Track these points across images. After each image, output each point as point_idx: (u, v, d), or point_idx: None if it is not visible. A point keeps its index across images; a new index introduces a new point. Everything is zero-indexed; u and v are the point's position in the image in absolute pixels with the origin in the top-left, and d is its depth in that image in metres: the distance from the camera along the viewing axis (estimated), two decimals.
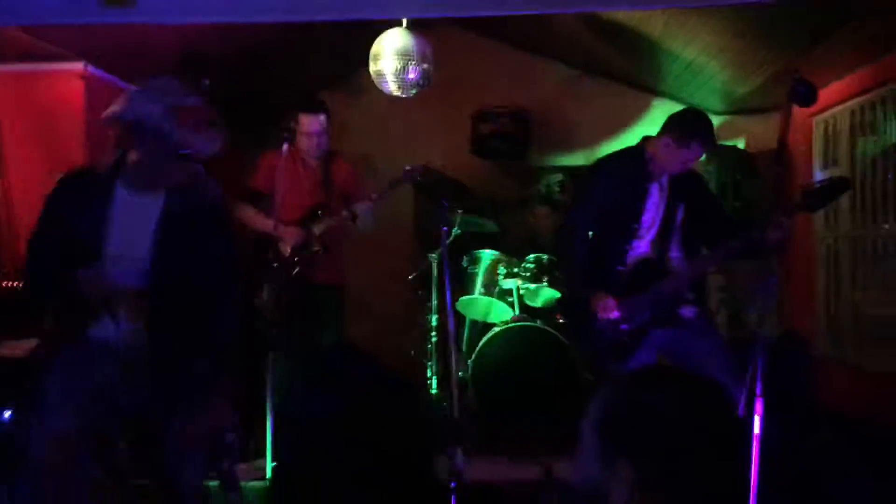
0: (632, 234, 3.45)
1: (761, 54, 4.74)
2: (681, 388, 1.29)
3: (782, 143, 3.23)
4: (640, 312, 3.42)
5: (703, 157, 3.59)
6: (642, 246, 3.48)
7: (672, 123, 3.43)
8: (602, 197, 3.50)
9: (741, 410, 3.01)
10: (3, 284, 3.64)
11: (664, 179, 3.49)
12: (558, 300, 5.07)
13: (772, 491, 2.75)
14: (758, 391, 2.85)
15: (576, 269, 3.57)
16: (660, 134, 3.46)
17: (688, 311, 3.44)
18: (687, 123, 3.42)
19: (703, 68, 5.30)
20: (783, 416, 3.45)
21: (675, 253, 3.51)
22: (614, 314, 3.40)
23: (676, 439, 1.23)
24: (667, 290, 3.40)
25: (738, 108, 5.97)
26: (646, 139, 3.56)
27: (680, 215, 3.50)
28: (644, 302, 3.41)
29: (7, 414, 3.28)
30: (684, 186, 3.51)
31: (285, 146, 4.14)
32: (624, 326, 3.43)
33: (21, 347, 3.59)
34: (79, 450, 2.44)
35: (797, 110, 4.19)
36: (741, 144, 6.03)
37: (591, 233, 3.52)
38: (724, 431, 1.27)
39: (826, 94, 4.89)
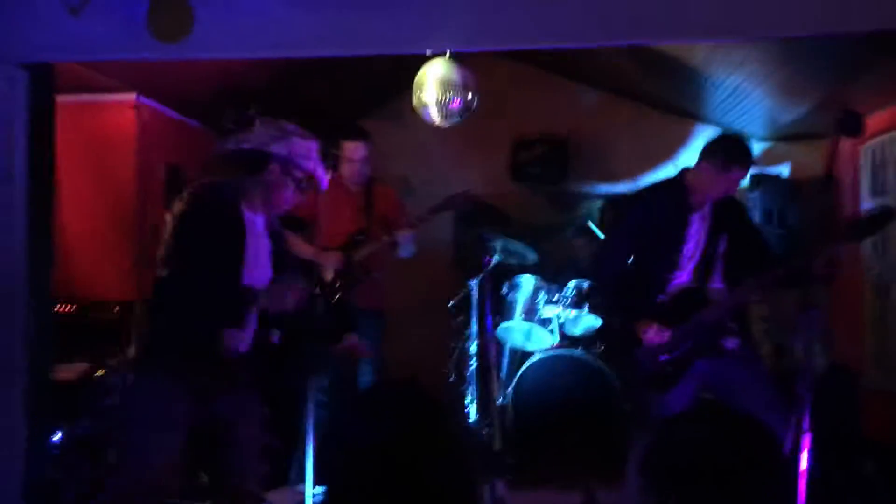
0: (673, 264, 3.43)
1: (806, 82, 4.70)
2: (724, 429, 1.29)
3: (829, 174, 3.21)
4: (682, 342, 3.39)
5: (746, 183, 3.58)
6: (684, 276, 3.46)
7: (710, 149, 3.42)
8: (642, 227, 3.49)
9: (787, 446, 2.97)
10: (57, 309, 3.73)
11: (706, 208, 3.47)
12: (600, 328, 5.05)
13: None
14: (805, 426, 2.81)
15: (615, 298, 3.56)
16: (699, 161, 3.45)
17: (730, 342, 3.40)
18: (725, 148, 3.40)
19: (748, 95, 5.26)
20: (831, 451, 3.38)
21: (717, 283, 3.48)
22: (663, 338, 3.36)
23: (720, 480, 1.23)
24: (709, 319, 3.37)
25: (782, 135, 5.90)
26: (685, 170, 3.55)
27: (722, 245, 3.47)
28: (686, 332, 3.38)
29: (58, 436, 3.35)
30: (726, 216, 3.48)
31: (328, 173, 4.20)
32: (665, 356, 3.40)
33: (73, 370, 3.68)
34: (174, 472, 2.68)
35: (845, 139, 4.16)
36: (785, 172, 5.96)
37: (630, 261, 3.52)
38: (768, 472, 1.26)
39: (873, 121, 4.82)
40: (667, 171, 6.35)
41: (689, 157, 6.32)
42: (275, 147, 2.85)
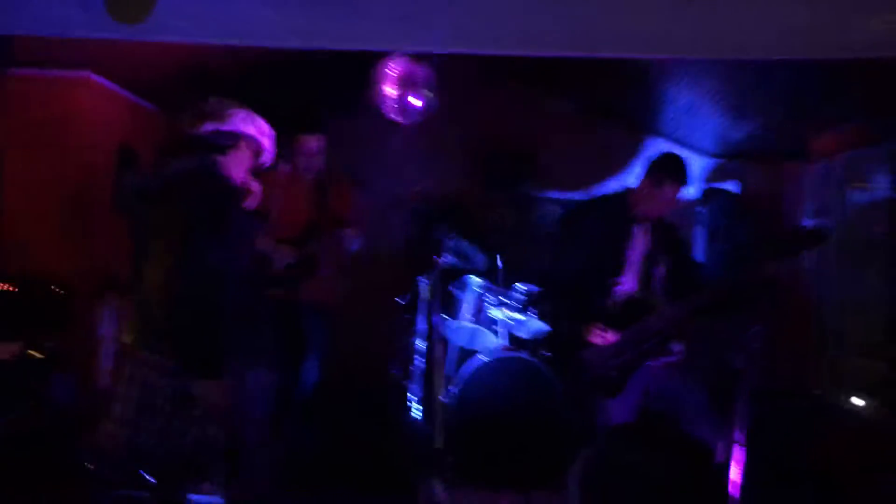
0: (617, 269, 3.57)
1: (756, 103, 4.81)
2: (662, 447, 1.32)
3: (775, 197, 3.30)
4: (629, 345, 3.48)
5: (696, 197, 3.68)
6: (628, 283, 3.58)
7: (649, 166, 3.60)
8: (589, 235, 3.62)
9: (719, 455, 3.05)
10: None
11: (648, 224, 3.63)
12: (547, 333, 5.10)
13: None
14: (740, 439, 2.87)
15: (564, 303, 3.63)
16: (641, 177, 3.62)
17: (676, 346, 3.52)
18: (660, 165, 3.58)
19: (700, 111, 5.38)
20: (770, 468, 3.47)
21: (659, 293, 3.61)
22: (609, 339, 3.45)
23: (654, 498, 1.25)
24: (654, 327, 3.47)
25: (733, 152, 6.04)
26: (628, 188, 3.71)
27: (662, 260, 3.63)
28: (633, 335, 3.47)
29: None
30: (664, 236, 3.65)
31: (281, 165, 4.17)
32: (613, 361, 3.47)
33: (7, 350, 3.59)
34: None
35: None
36: (734, 188, 6.10)
37: (575, 268, 3.59)
38: (703, 491, 1.29)
39: (820, 143, 4.97)
40: (619, 181, 6.48)
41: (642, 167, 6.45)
42: (245, 127, 3.07)
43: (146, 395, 2.69)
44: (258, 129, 3.15)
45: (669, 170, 3.56)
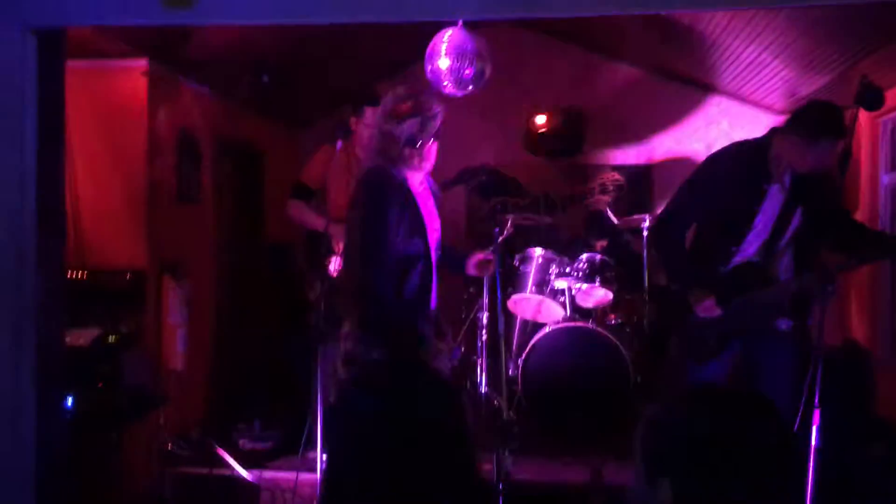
0: (740, 236, 3.24)
1: (826, 53, 4.61)
2: (728, 409, 1.27)
3: (847, 148, 3.14)
4: (735, 319, 3.27)
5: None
6: (750, 249, 3.28)
7: (797, 119, 3.15)
8: (714, 194, 3.26)
9: (797, 424, 2.95)
10: (69, 276, 3.74)
11: (786, 180, 3.21)
12: (657, 286, 4.96)
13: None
14: (816, 402, 2.78)
15: (677, 263, 3.40)
16: (786, 129, 3.19)
17: (783, 324, 3.29)
18: (815, 117, 3.11)
19: (766, 66, 5.18)
20: (842, 428, 3.36)
21: (785, 260, 3.31)
22: (716, 313, 3.25)
23: (719, 461, 1.21)
24: (767, 299, 3.24)
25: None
26: (773, 132, 3.28)
27: (796, 220, 3.26)
28: (740, 309, 3.26)
29: (70, 400, 3.38)
30: (809, 189, 3.21)
31: (339, 142, 4.16)
32: (717, 330, 3.30)
33: (84, 336, 3.70)
34: None
35: (863, 114, 4.06)
36: None
37: (696, 227, 3.37)
38: (772, 453, 1.24)
39: (893, 95, 4.73)
40: (682, 144, 6.32)
41: (702, 128, 6.27)
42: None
43: None
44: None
45: (826, 123, 3.08)
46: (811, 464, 2.75)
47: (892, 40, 4.12)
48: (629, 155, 6.46)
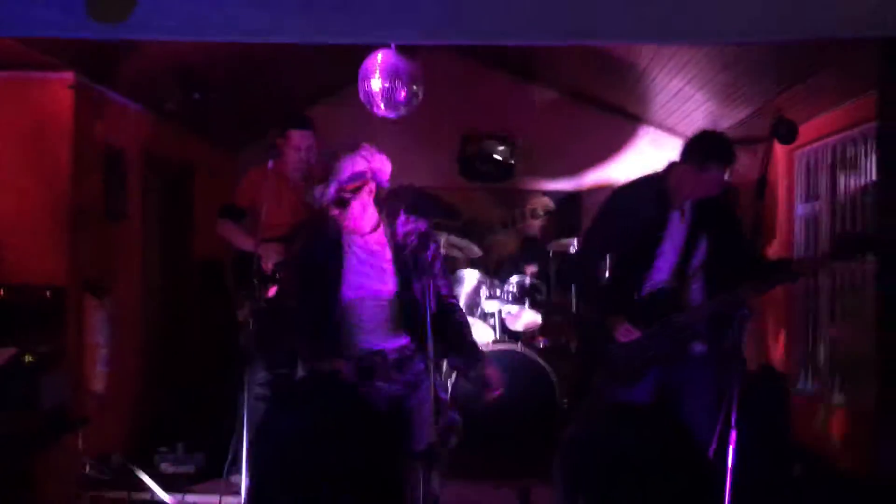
0: (649, 262, 3.36)
1: (746, 88, 4.81)
2: (642, 427, 1.30)
3: (763, 177, 3.28)
4: (652, 344, 3.36)
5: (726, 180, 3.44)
6: (662, 275, 3.39)
7: (688, 147, 3.34)
8: (621, 224, 3.41)
9: (714, 444, 3.04)
10: None
11: (686, 206, 3.38)
12: (574, 317, 5.06)
13: None
14: (732, 423, 2.88)
15: (593, 293, 3.53)
16: (680, 160, 3.36)
17: (698, 347, 3.39)
18: (702, 146, 3.30)
19: (689, 98, 5.38)
20: (758, 452, 3.47)
21: (696, 284, 3.42)
22: (632, 337, 3.33)
23: (633, 479, 1.23)
24: (682, 323, 3.33)
25: None
26: (670, 165, 3.44)
27: (702, 245, 3.40)
28: (657, 334, 3.35)
29: None
30: (707, 216, 3.39)
31: (270, 162, 4.14)
32: (641, 357, 3.38)
33: (0, 355, 3.57)
34: None
35: (780, 145, 4.24)
36: (725, 176, 6.08)
37: (608, 258, 3.51)
38: (686, 472, 1.27)
39: (807, 129, 4.96)
40: (610, 171, 6.48)
41: (633, 158, 6.44)
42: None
43: None
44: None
45: (713, 151, 3.26)
46: (727, 484, 2.84)
47: (806, 78, 4.33)
48: (559, 181, 6.59)
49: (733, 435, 2.83)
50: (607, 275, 3.52)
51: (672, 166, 3.42)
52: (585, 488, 1.25)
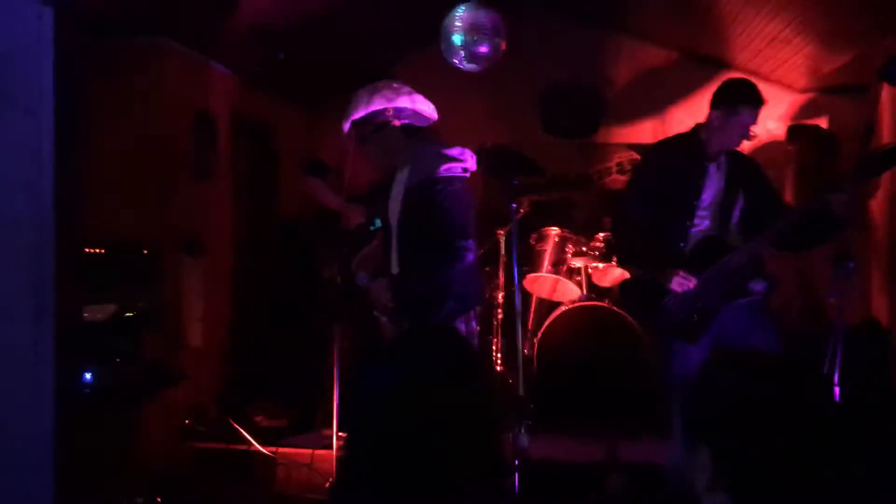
0: (691, 212, 3.42)
1: (850, 30, 4.53)
2: (767, 373, 1.26)
3: (870, 123, 3.10)
4: (710, 288, 3.35)
5: (783, 134, 3.45)
6: (704, 223, 3.44)
7: (717, 95, 3.41)
8: (659, 178, 3.48)
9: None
10: (87, 251, 3.75)
11: (721, 160, 3.46)
12: (620, 283, 4.99)
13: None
14: (835, 379, 2.77)
15: (639, 249, 3.51)
16: (709, 110, 3.43)
17: (758, 285, 3.38)
18: (730, 91, 3.39)
19: (788, 43, 5.11)
20: (859, 405, 3.34)
21: (737, 230, 3.47)
22: (690, 285, 3.32)
23: (757, 426, 1.20)
24: (733, 264, 3.34)
25: (823, 86, 5.73)
26: (698, 125, 3.52)
27: (739, 199, 3.47)
28: (713, 277, 3.34)
29: (88, 375, 3.40)
30: (741, 171, 3.48)
31: None
32: (696, 304, 3.35)
33: (102, 311, 3.72)
34: None
35: (888, 90, 4.00)
36: (824, 124, 5.80)
37: (649, 212, 3.48)
38: (812, 417, 1.22)
39: None
40: (697, 119, 6.25)
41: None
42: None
43: None
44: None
45: (742, 94, 3.34)
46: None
47: None
48: (645, 134, 6.40)
49: (836, 391, 2.72)
50: (648, 229, 3.50)
51: (699, 125, 3.49)
52: (712, 436, 1.22)
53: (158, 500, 3.57)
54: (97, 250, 3.95)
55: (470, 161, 3.34)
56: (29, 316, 2.78)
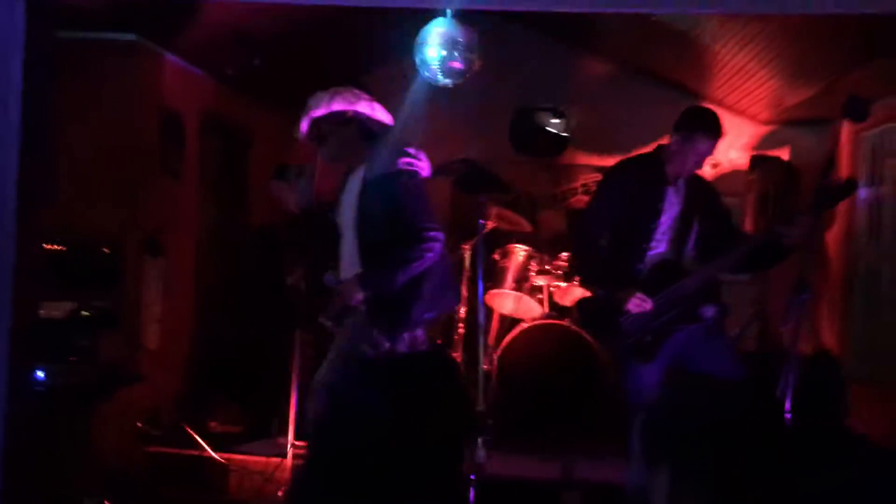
0: (649, 234, 3.49)
1: (815, 64, 4.66)
2: (724, 398, 1.29)
3: (831, 157, 3.20)
4: (665, 310, 3.42)
5: (745, 164, 3.56)
6: (661, 246, 3.51)
7: (678, 121, 3.50)
8: (620, 198, 3.54)
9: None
10: (47, 248, 3.69)
11: (680, 184, 3.54)
12: (577, 302, 5.04)
13: None
14: (787, 408, 2.82)
15: (598, 269, 3.59)
16: (671, 135, 3.51)
17: (709, 311, 3.45)
18: (690, 118, 3.49)
19: (753, 75, 5.22)
20: (811, 437, 3.41)
21: (692, 255, 3.55)
22: (647, 306, 3.38)
23: (712, 447, 1.23)
24: (688, 289, 3.42)
25: (785, 119, 5.87)
26: (660, 146, 3.60)
27: (695, 223, 3.55)
28: (668, 300, 3.41)
29: (41, 374, 3.34)
30: (698, 195, 3.56)
31: None
32: (651, 325, 3.41)
33: (59, 309, 3.66)
34: None
35: (848, 125, 4.11)
36: (785, 156, 5.94)
37: (608, 233, 3.54)
38: (766, 437, 1.26)
39: (877, 110, 4.78)
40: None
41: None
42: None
43: None
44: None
45: (701, 122, 3.44)
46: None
47: (880, 55, 4.17)
48: (613, 157, 6.47)
49: (787, 417, 2.77)
50: (607, 249, 3.57)
51: (661, 146, 3.58)
52: (667, 460, 1.25)
53: (106, 502, 3.51)
54: (57, 247, 3.90)
55: (425, 164, 3.34)
56: None
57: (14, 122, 2.72)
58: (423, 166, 3.33)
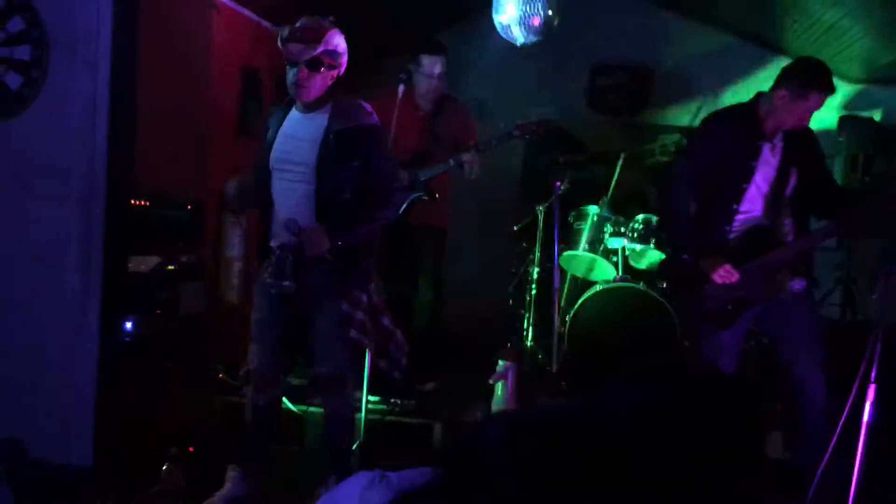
0: (741, 195, 3.30)
1: None
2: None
3: None
4: (751, 283, 3.29)
5: (833, 124, 3.38)
6: (755, 210, 3.34)
7: (788, 74, 3.25)
8: (711, 154, 3.36)
9: (817, 392, 2.95)
10: (133, 202, 3.80)
11: (777, 139, 3.32)
12: (663, 260, 4.95)
13: (877, 482, 2.66)
14: (872, 377, 2.73)
15: (684, 229, 3.45)
16: (774, 87, 3.27)
17: (798, 284, 3.30)
18: (804, 72, 3.23)
19: (846, 32, 4.99)
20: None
21: (787, 220, 3.37)
22: (734, 278, 3.26)
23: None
24: (778, 261, 3.28)
25: (878, 78, 5.60)
26: (759, 95, 3.37)
27: (793, 180, 3.33)
28: (755, 273, 3.28)
29: (129, 325, 3.47)
30: (798, 147, 3.33)
31: (401, 87, 4.14)
32: (734, 296, 3.32)
33: (145, 263, 3.77)
34: None
35: None
36: (877, 116, 5.68)
37: (698, 193, 3.41)
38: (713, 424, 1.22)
39: None
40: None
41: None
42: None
43: None
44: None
45: (815, 78, 3.19)
46: (862, 439, 2.72)
47: None
48: (693, 116, 6.30)
49: (872, 389, 2.69)
50: (696, 209, 3.43)
51: (760, 96, 3.34)
52: None
53: (191, 449, 3.64)
54: (142, 202, 4.01)
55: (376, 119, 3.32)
56: (78, 265, 2.84)
57: (104, 80, 2.80)
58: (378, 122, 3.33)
